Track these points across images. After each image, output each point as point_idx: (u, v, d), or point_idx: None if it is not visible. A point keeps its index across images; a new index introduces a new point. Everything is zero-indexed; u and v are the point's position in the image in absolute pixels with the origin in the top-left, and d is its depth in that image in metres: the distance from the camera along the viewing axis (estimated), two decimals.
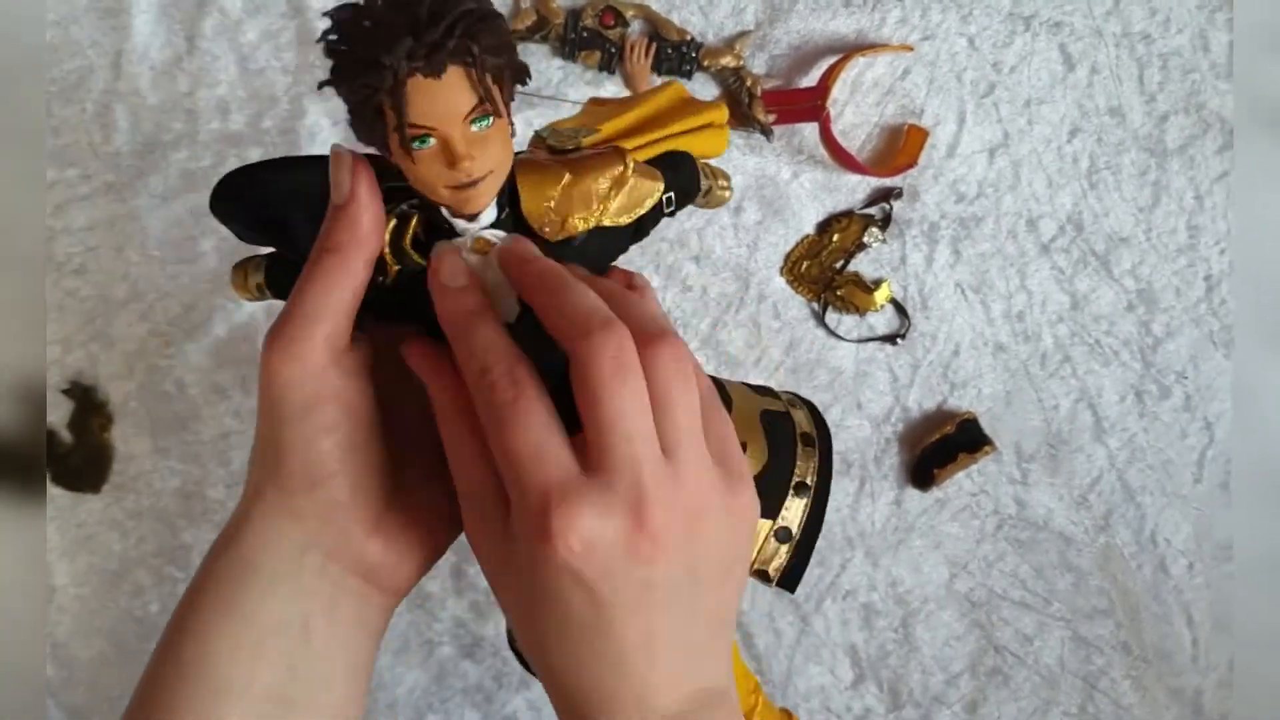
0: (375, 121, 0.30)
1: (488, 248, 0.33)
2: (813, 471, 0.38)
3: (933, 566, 0.66)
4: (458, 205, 0.33)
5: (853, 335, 0.65)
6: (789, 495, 0.37)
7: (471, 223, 0.33)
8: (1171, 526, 0.66)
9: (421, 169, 0.31)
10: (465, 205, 0.33)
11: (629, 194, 0.35)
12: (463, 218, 0.33)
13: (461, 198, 0.32)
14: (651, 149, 0.36)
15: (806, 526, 0.37)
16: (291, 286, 0.34)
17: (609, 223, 0.35)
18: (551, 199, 0.34)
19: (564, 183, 0.34)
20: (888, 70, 0.63)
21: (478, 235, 0.34)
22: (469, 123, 0.30)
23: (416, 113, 0.30)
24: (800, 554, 0.37)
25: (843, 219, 0.63)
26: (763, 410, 0.39)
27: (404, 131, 0.30)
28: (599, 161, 0.35)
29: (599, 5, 0.61)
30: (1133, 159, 0.65)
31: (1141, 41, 0.64)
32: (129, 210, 0.62)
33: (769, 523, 0.37)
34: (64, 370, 0.63)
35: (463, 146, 0.30)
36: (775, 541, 0.37)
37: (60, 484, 0.63)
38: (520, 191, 0.34)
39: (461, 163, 0.31)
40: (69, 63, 0.61)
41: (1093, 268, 0.65)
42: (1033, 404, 0.65)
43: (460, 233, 0.34)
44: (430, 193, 0.32)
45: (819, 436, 0.39)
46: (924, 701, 0.66)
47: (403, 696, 0.64)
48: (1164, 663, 0.66)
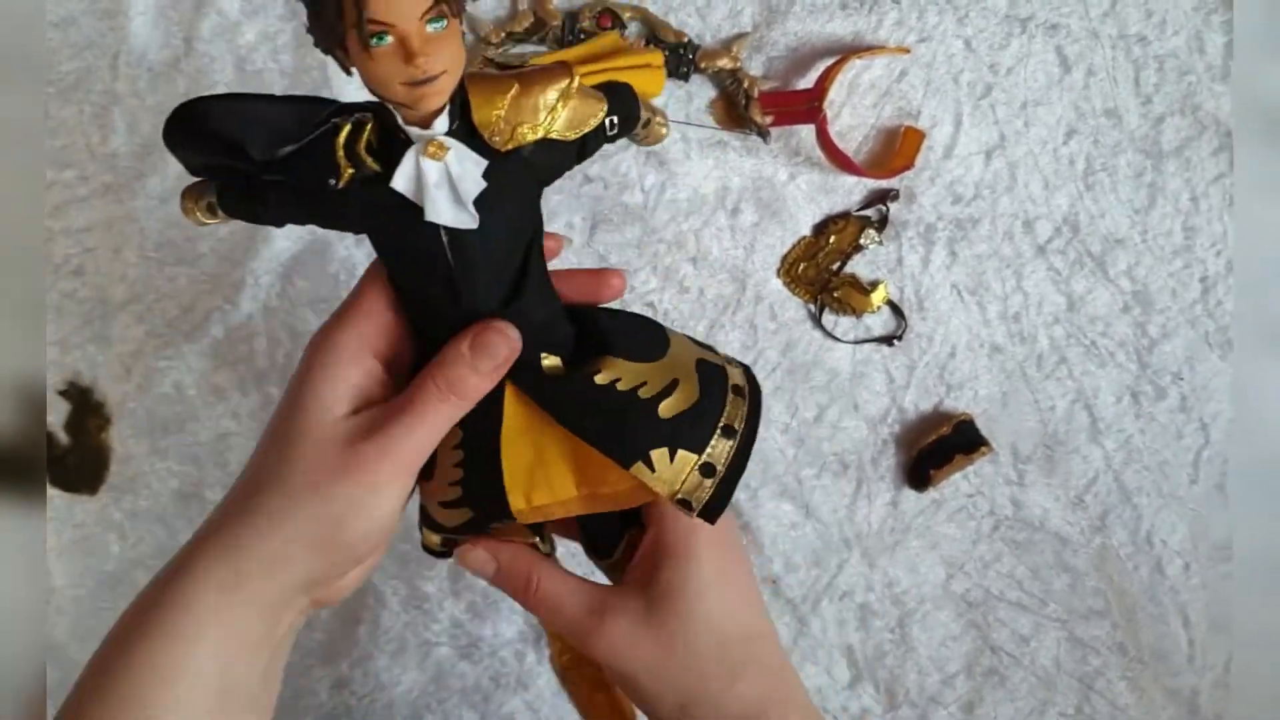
0: (335, 21, 0.32)
1: (441, 153, 0.35)
2: (741, 419, 0.39)
3: (929, 567, 0.66)
4: (413, 102, 0.34)
5: (849, 337, 0.65)
6: (716, 434, 0.38)
7: (425, 130, 0.35)
8: (1168, 527, 0.66)
9: (378, 66, 0.32)
10: (420, 103, 0.34)
11: (574, 110, 0.37)
12: (415, 124, 0.35)
13: (417, 94, 0.33)
14: (593, 79, 0.39)
15: (731, 465, 0.38)
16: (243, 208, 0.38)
17: (556, 136, 0.37)
18: (501, 108, 0.36)
19: (513, 93, 0.36)
20: (885, 72, 0.64)
21: (430, 139, 0.35)
22: (425, 22, 0.32)
23: (376, 8, 0.31)
24: (722, 490, 0.38)
25: (839, 221, 0.64)
26: (699, 359, 0.40)
27: (363, 28, 0.31)
28: (546, 75, 0.37)
29: (596, 7, 0.61)
30: (1129, 161, 0.65)
31: (1138, 43, 0.64)
32: (127, 212, 0.62)
33: (695, 456, 0.37)
34: (61, 371, 0.63)
35: (419, 44, 0.32)
36: (699, 475, 0.38)
37: (58, 485, 0.63)
38: (471, 102, 0.36)
39: (417, 59, 0.32)
40: (67, 64, 0.61)
41: (1089, 269, 0.65)
42: (1029, 405, 0.65)
43: (414, 140, 0.35)
44: (385, 91, 0.33)
45: (750, 392, 0.40)
46: (920, 702, 0.66)
47: (400, 697, 0.64)
48: (1160, 663, 0.66)
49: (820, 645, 0.65)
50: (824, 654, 0.65)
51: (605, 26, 0.61)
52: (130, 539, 0.63)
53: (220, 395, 0.63)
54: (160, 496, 0.63)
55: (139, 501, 0.63)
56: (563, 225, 0.62)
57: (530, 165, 0.38)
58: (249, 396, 0.63)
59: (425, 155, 0.35)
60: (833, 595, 0.65)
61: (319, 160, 0.36)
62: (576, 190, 0.62)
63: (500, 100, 0.36)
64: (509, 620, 0.64)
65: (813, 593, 0.65)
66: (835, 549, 0.65)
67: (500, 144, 0.36)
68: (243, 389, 0.63)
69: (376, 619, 0.64)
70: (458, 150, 0.35)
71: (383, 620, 0.64)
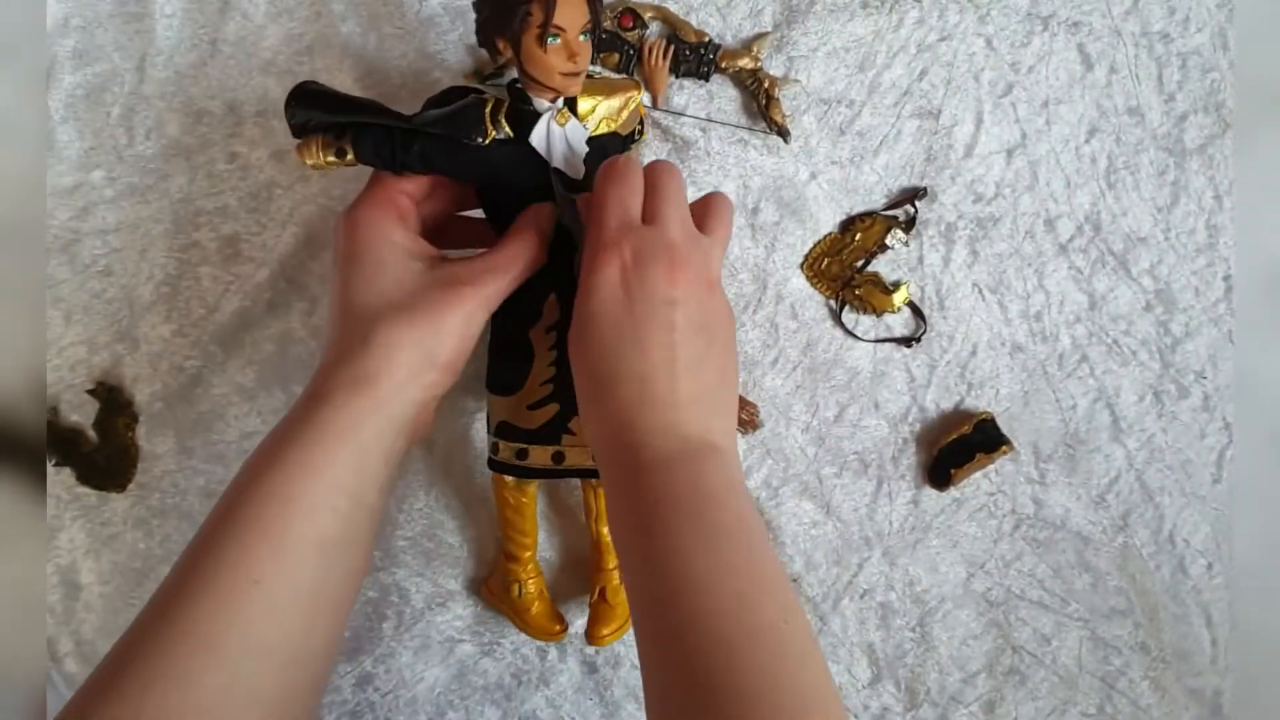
0: (521, 22, 0.47)
1: (564, 119, 0.51)
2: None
3: (950, 566, 0.66)
4: (563, 88, 0.50)
5: (870, 335, 0.65)
6: None
7: (551, 104, 0.51)
8: (1190, 527, 0.66)
9: (550, 57, 0.48)
10: (569, 87, 0.50)
11: (629, 116, 0.55)
12: (545, 99, 0.51)
13: (568, 81, 0.49)
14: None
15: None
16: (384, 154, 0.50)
17: (618, 130, 0.55)
18: (595, 105, 0.53)
19: (602, 97, 0.53)
20: (905, 71, 0.64)
21: (559, 110, 0.51)
22: (580, 33, 0.48)
23: (560, 17, 0.47)
24: None
25: (866, 219, 0.64)
26: None
27: (546, 28, 0.47)
28: (622, 86, 0.55)
29: (617, 7, 0.62)
30: (1151, 158, 0.65)
31: (1160, 41, 0.64)
32: (153, 212, 0.63)
33: None
34: (90, 371, 0.63)
35: (577, 46, 0.48)
36: None
37: (86, 483, 0.63)
38: (577, 100, 0.52)
39: (576, 57, 0.48)
40: (94, 66, 0.62)
41: (1111, 268, 0.65)
42: (1050, 404, 0.65)
43: (541, 111, 0.51)
44: (548, 76, 0.49)
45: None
46: (941, 701, 0.66)
47: (423, 694, 0.65)
48: (1183, 663, 0.66)
49: (841, 644, 0.66)
50: (845, 652, 0.66)
51: (626, 27, 0.62)
52: (157, 536, 0.64)
53: (247, 394, 0.63)
54: (187, 494, 0.64)
55: (166, 499, 0.64)
56: None
57: (602, 144, 0.53)
58: (274, 396, 0.63)
59: (556, 121, 0.51)
60: (853, 594, 0.65)
61: (469, 122, 0.49)
62: None
63: (595, 99, 0.53)
64: None
65: (833, 591, 0.65)
66: (856, 548, 0.65)
67: (590, 128, 0.53)
68: (269, 389, 0.63)
69: (400, 616, 0.64)
70: (574, 121, 0.52)
71: (406, 617, 0.64)
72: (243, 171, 0.63)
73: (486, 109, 0.49)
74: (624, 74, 0.62)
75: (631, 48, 0.62)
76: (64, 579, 0.64)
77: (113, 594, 0.64)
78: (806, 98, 0.63)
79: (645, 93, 0.62)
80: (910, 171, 0.64)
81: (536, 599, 0.62)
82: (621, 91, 0.54)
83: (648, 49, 0.62)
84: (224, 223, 0.63)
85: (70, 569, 0.64)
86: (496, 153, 0.50)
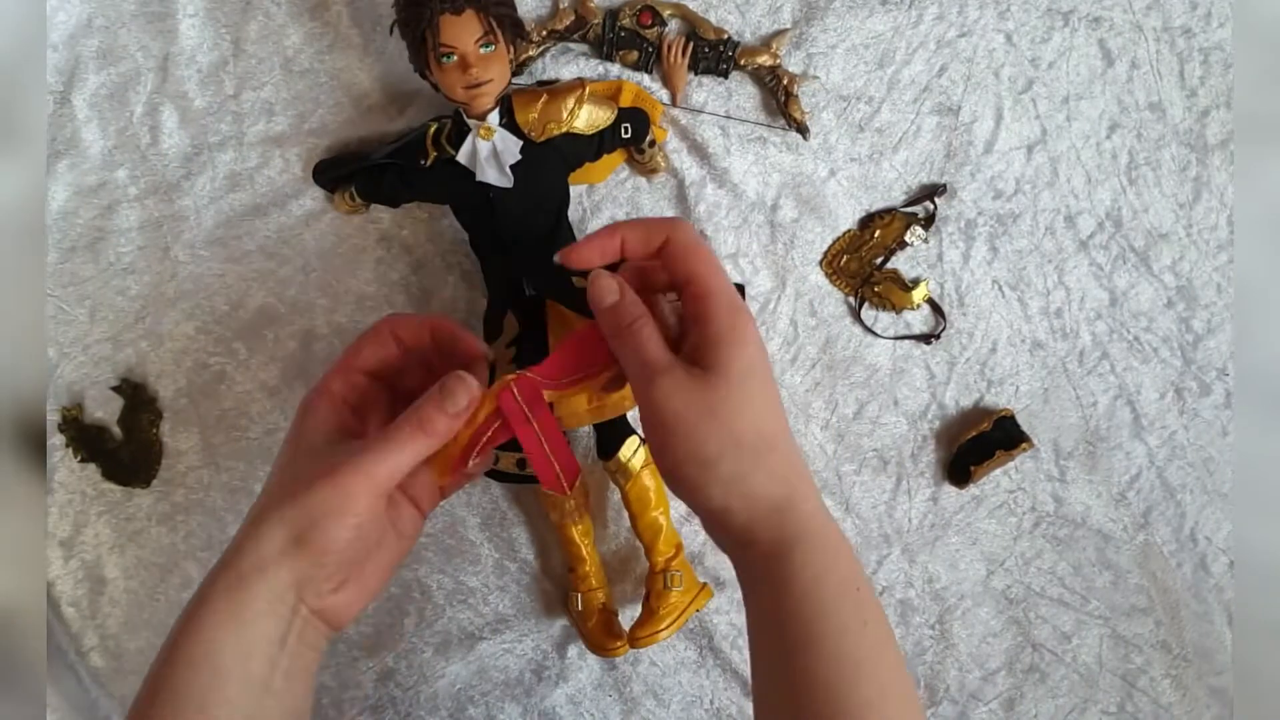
0: (421, 48, 0.50)
1: (489, 134, 0.53)
2: None
3: (969, 563, 0.66)
4: (469, 100, 0.52)
5: (889, 332, 0.65)
6: None
7: (481, 121, 0.53)
8: (1212, 524, 0.66)
9: (446, 75, 0.50)
10: (475, 100, 0.52)
11: (590, 113, 0.56)
12: (475, 118, 0.53)
13: (471, 94, 0.51)
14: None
15: None
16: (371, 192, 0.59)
17: (577, 131, 0.56)
18: (535, 112, 0.55)
19: (543, 101, 0.55)
20: (925, 68, 0.63)
21: (483, 125, 0.53)
22: (479, 45, 0.50)
23: (446, 36, 0.49)
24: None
25: (885, 215, 0.64)
26: None
27: (436, 50, 0.49)
28: (567, 87, 0.56)
29: (637, 5, 0.62)
30: (1173, 154, 0.64)
31: (1182, 36, 0.64)
32: (176, 210, 0.63)
33: None
34: (114, 367, 0.64)
35: (473, 59, 0.50)
36: None
37: (111, 479, 0.64)
38: (514, 108, 0.54)
39: (470, 70, 0.50)
40: (117, 66, 0.62)
41: (1132, 264, 0.65)
42: (1071, 401, 0.65)
43: (472, 128, 0.53)
44: (451, 93, 0.51)
45: None
46: (961, 698, 0.66)
47: (443, 689, 0.65)
48: (1204, 661, 0.66)
49: None
50: None
51: (645, 24, 0.62)
52: (181, 532, 0.65)
53: (269, 391, 0.64)
54: (211, 490, 0.64)
55: (190, 495, 0.64)
56: (605, 218, 0.62)
57: (559, 151, 0.56)
58: (296, 393, 0.64)
59: (479, 136, 0.53)
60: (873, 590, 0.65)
61: (414, 149, 0.55)
62: (618, 186, 0.63)
63: (534, 106, 0.54)
64: (551, 614, 0.65)
65: None
66: (875, 545, 0.65)
67: (535, 136, 0.54)
68: (291, 385, 0.64)
69: (421, 612, 0.65)
70: (501, 133, 0.54)
71: (427, 614, 0.65)
72: (265, 170, 0.63)
73: (429, 133, 0.54)
74: (643, 71, 0.62)
75: (650, 45, 0.62)
76: (89, 574, 0.65)
77: (138, 589, 0.65)
78: (826, 94, 0.63)
79: (665, 90, 0.62)
80: (930, 168, 0.64)
81: (595, 612, 0.61)
82: (564, 94, 0.55)
83: (667, 46, 0.62)
84: (247, 220, 0.63)
85: (95, 564, 0.65)
86: (443, 172, 0.55)
